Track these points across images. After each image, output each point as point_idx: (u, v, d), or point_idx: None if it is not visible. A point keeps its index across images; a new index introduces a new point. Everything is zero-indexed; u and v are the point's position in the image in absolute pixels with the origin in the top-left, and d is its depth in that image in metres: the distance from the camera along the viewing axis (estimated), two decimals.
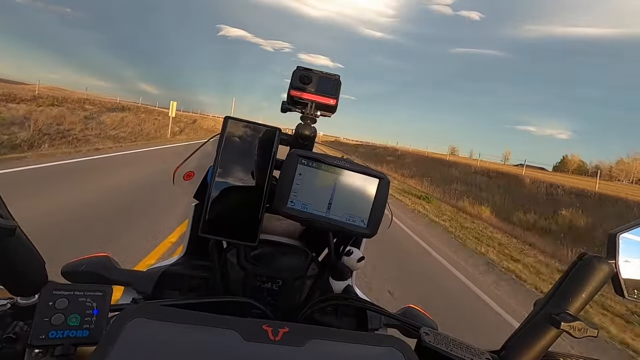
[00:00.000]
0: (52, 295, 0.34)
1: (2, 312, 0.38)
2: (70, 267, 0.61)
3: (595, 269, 0.42)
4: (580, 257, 0.44)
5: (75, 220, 3.89)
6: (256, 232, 0.55)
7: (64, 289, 0.35)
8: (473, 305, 4.03)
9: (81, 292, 0.36)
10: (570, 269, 0.44)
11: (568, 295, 0.42)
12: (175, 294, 0.66)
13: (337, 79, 0.61)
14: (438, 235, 7.25)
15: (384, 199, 0.53)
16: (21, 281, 0.37)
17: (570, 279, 0.43)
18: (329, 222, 0.52)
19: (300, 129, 0.61)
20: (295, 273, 0.67)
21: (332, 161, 0.53)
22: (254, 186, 0.55)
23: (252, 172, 0.55)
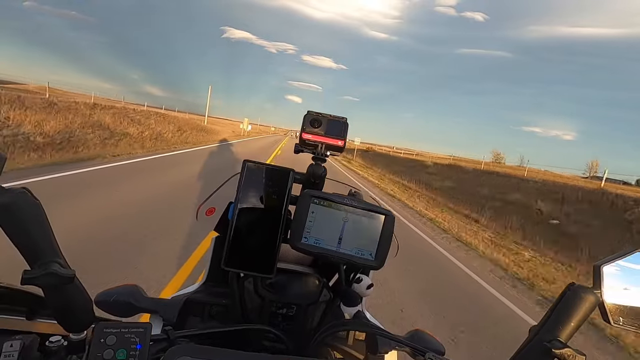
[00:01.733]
0: (103, 332, 0.40)
1: (58, 347, 0.43)
2: (102, 296, 0.67)
3: (582, 299, 0.46)
4: (569, 287, 0.48)
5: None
6: (273, 265, 0.60)
7: (112, 327, 0.41)
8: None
9: (126, 329, 0.41)
10: (560, 299, 0.48)
11: (559, 324, 0.46)
12: (197, 321, 0.71)
13: (344, 122, 0.67)
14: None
15: (390, 234, 0.58)
16: (74, 319, 0.42)
17: (560, 307, 0.47)
18: (339, 255, 0.58)
19: (313, 169, 0.67)
20: (308, 299, 0.72)
21: (341, 200, 0.58)
22: (271, 222, 0.60)
23: (268, 209, 0.60)
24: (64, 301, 0.40)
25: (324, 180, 0.68)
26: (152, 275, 2.79)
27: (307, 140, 0.67)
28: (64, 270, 0.38)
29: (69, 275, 0.38)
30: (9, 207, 0.35)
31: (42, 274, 0.36)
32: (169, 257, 3.20)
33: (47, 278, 0.36)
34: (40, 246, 0.37)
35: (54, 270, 0.37)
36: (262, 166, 0.61)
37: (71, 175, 5.64)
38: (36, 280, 0.36)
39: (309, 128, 0.66)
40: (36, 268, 0.37)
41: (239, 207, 0.59)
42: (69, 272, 0.38)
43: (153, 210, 4.52)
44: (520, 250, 6.92)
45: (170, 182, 6.50)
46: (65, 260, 0.40)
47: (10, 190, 0.36)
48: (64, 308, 0.41)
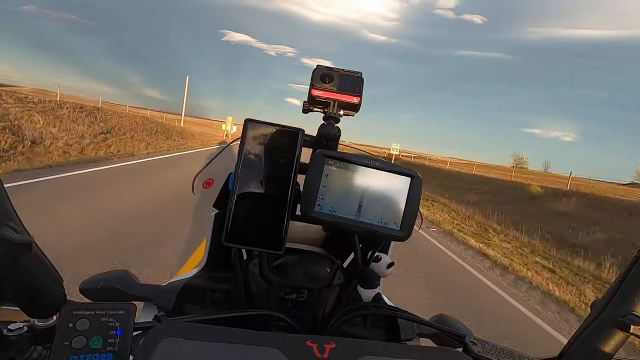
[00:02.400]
0: (72, 315, 0.32)
1: (19, 336, 0.35)
2: (89, 283, 0.59)
3: None
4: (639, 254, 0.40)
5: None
6: (282, 240, 0.52)
7: (84, 309, 0.32)
8: None
9: (103, 312, 0.33)
10: (631, 267, 0.40)
11: (633, 295, 0.38)
12: (196, 309, 0.63)
13: (359, 76, 0.58)
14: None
15: (417, 199, 0.50)
16: (38, 302, 0.34)
17: (632, 277, 0.39)
18: (360, 225, 0.49)
19: (324, 129, 0.58)
20: (320, 283, 0.64)
21: (360, 160, 0.49)
22: (278, 191, 0.52)
23: (275, 176, 0.52)
24: (24, 278, 0.32)
25: (338, 143, 0.60)
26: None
27: (317, 98, 0.58)
28: (18, 236, 0.29)
29: (24, 241, 0.29)
30: None
31: None
32: None
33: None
34: None
35: (4, 235, 0.28)
36: (267, 125, 0.52)
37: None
38: None
39: (319, 83, 0.57)
40: None
41: (241, 175, 0.51)
42: (24, 238, 0.30)
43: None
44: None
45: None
46: (23, 226, 0.32)
47: None
48: (24, 287, 0.32)
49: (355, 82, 0.58)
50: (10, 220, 0.30)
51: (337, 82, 0.57)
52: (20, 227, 0.31)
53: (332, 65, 0.60)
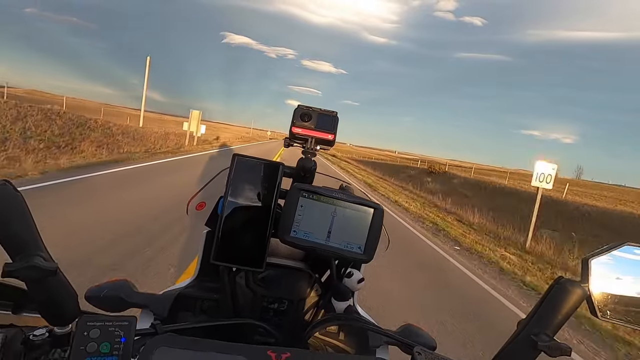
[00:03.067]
0: (87, 326, 0.40)
1: (42, 340, 0.43)
2: (93, 292, 0.66)
3: (569, 293, 0.46)
4: (557, 281, 0.48)
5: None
6: (263, 259, 0.60)
7: (96, 320, 0.40)
8: None
9: (110, 323, 0.41)
10: (548, 292, 0.48)
11: (546, 317, 0.46)
12: (188, 316, 0.71)
13: (334, 116, 0.67)
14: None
15: (379, 227, 0.58)
16: (58, 313, 0.42)
17: (548, 301, 0.47)
18: (328, 249, 0.57)
19: (302, 162, 0.66)
20: (299, 294, 0.72)
21: (330, 193, 0.58)
22: (261, 215, 0.60)
23: (258, 202, 0.60)
24: (48, 294, 0.40)
25: (314, 174, 0.68)
26: None
27: (297, 134, 0.66)
28: (46, 263, 0.38)
29: (51, 268, 0.38)
30: None
31: (23, 266, 0.36)
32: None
33: (28, 271, 0.36)
34: (22, 239, 0.37)
35: (36, 263, 0.36)
36: (252, 160, 0.60)
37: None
38: (17, 273, 0.36)
39: (299, 122, 0.66)
40: (18, 261, 0.37)
41: (229, 201, 0.59)
42: (51, 265, 0.38)
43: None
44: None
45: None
46: (49, 253, 0.40)
47: None
48: (48, 301, 0.41)
49: (330, 120, 0.66)
50: (40, 250, 0.38)
51: (314, 120, 0.66)
52: (47, 254, 0.39)
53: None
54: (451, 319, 3.43)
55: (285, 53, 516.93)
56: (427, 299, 3.91)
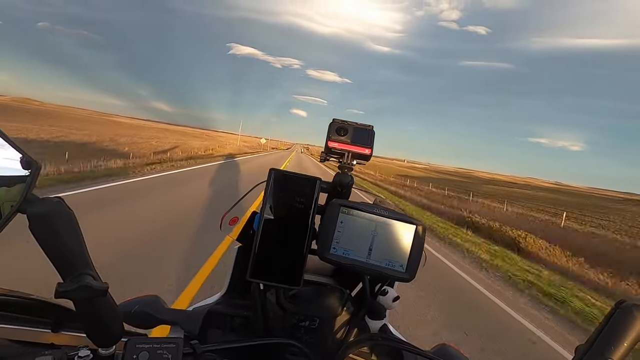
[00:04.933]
0: (136, 348, 0.39)
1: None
2: (123, 307, 0.65)
3: (635, 318, 0.43)
4: (618, 304, 0.45)
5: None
6: (300, 276, 0.58)
7: (144, 342, 0.39)
8: None
9: (158, 345, 0.40)
10: (610, 316, 0.45)
11: (610, 344, 0.44)
12: (218, 333, 0.69)
13: (371, 129, 0.66)
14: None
15: (421, 245, 0.57)
16: (104, 333, 0.41)
17: (611, 326, 0.45)
18: (369, 267, 0.56)
19: (339, 177, 0.65)
20: (331, 312, 0.70)
21: (371, 209, 0.56)
22: (297, 232, 0.59)
23: (294, 218, 0.59)
24: (95, 315, 0.39)
25: (351, 190, 0.67)
26: None
27: (333, 149, 0.65)
28: (98, 283, 0.37)
29: (102, 288, 0.37)
30: (44, 218, 0.35)
31: (75, 286, 0.35)
32: None
33: (81, 291, 0.35)
34: (73, 258, 0.36)
35: (88, 283, 0.35)
36: (289, 174, 0.59)
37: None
38: (70, 293, 0.35)
39: (334, 136, 0.65)
40: (69, 281, 0.36)
41: (265, 217, 0.58)
42: (102, 285, 0.37)
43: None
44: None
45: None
46: (97, 273, 0.39)
47: (45, 200, 0.35)
48: (95, 322, 0.40)
49: (367, 134, 0.65)
50: (90, 270, 0.38)
51: (350, 135, 0.65)
52: (95, 273, 0.38)
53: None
54: None
55: (290, 63, 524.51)
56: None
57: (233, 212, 0.69)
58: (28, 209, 0.34)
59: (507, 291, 5.04)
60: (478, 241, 8.60)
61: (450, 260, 6.32)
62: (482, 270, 6.02)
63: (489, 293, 4.79)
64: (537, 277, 5.97)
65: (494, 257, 7.00)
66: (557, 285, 5.61)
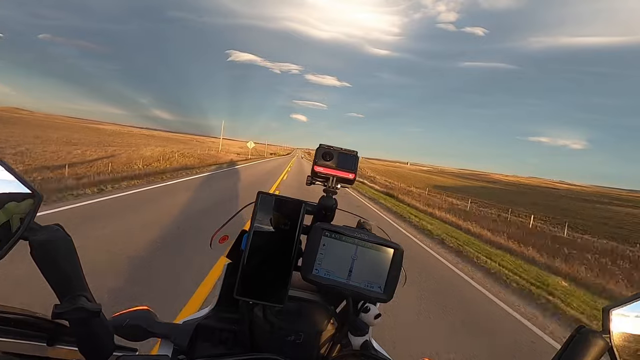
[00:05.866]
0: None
1: None
2: (115, 321, 0.68)
3: (590, 343, 0.46)
4: (577, 330, 0.48)
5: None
6: (284, 295, 0.61)
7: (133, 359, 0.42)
8: None
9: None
10: (569, 343, 0.48)
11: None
12: (207, 346, 0.72)
13: (355, 155, 0.69)
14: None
15: (399, 267, 0.60)
16: (96, 350, 0.44)
17: (569, 351, 0.48)
18: (349, 288, 0.59)
19: (324, 201, 0.69)
20: (316, 327, 0.73)
21: (352, 233, 0.60)
22: (283, 252, 0.62)
23: (280, 239, 0.62)
24: (88, 333, 0.42)
25: (335, 212, 0.70)
26: None
27: (319, 173, 0.69)
28: (92, 305, 0.40)
29: (96, 309, 0.40)
30: (45, 245, 0.38)
31: (71, 308, 0.38)
32: None
33: (75, 312, 0.38)
34: (70, 281, 0.40)
35: (82, 305, 0.39)
36: (275, 197, 0.63)
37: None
38: (66, 315, 0.38)
39: (320, 161, 0.68)
40: (65, 302, 0.39)
41: (252, 237, 0.61)
42: (96, 306, 0.40)
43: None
44: None
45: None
46: (92, 294, 0.42)
47: (46, 228, 0.39)
48: (88, 339, 0.43)
49: (351, 160, 0.69)
50: (85, 291, 0.41)
51: (335, 160, 0.68)
52: (90, 295, 0.42)
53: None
54: None
55: (289, 68, 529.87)
56: None
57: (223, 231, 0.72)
58: (30, 237, 0.37)
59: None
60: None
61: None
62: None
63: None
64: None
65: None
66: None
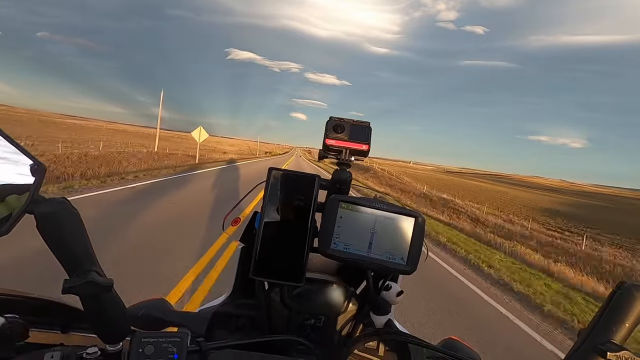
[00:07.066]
0: (142, 342, 0.39)
1: (95, 358, 0.43)
2: (131, 311, 0.66)
3: (635, 298, 0.43)
4: (619, 285, 0.46)
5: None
6: (302, 273, 0.59)
7: (150, 336, 0.40)
8: None
9: (164, 339, 0.40)
10: (611, 298, 0.45)
11: (611, 325, 0.44)
12: (225, 333, 0.70)
13: (367, 126, 0.67)
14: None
15: (421, 236, 0.57)
16: (111, 330, 0.42)
17: (612, 308, 0.44)
18: (370, 261, 0.56)
19: (337, 174, 0.66)
20: (336, 309, 0.70)
21: (370, 203, 0.57)
22: (298, 229, 0.59)
23: (295, 216, 0.60)
24: (102, 311, 0.40)
25: (350, 186, 0.67)
26: None
27: (330, 146, 0.66)
28: (103, 279, 0.38)
29: (107, 284, 0.38)
30: (50, 217, 0.36)
31: (81, 282, 0.36)
32: None
33: (86, 287, 0.36)
34: (78, 255, 0.38)
35: (93, 279, 0.37)
36: (287, 173, 0.60)
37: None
38: (76, 289, 0.36)
39: (332, 134, 0.66)
40: (75, 277, 0.37)
41: (266, 216, 0.59)
42: (107, 280, 0.38)
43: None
44: None
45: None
46: (102, 269, 0.40)
47: (51, 200, 0.37)
48: (102, 319, 0.40)
49: (364, 131, 0.66)
50: (95, 266, 0.39)
51: (348, 131, 0.66)
52: (101, 270, 0.39)
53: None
54: None
55: (289, 67, 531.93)
56: None
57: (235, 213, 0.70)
58: (35, 210, 0.35)
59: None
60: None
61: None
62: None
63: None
64: None
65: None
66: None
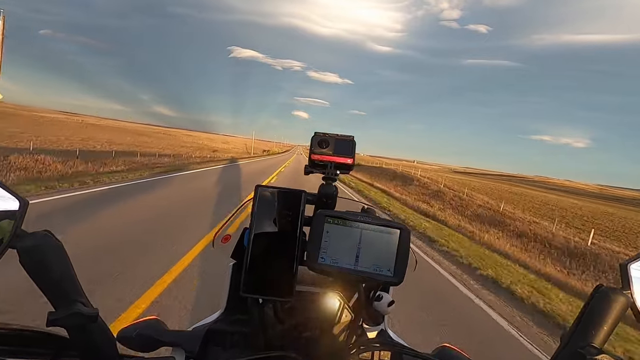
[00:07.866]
0: None
1: None
2: (124, 332, 0.66)
3: (612, 301, 0.44)
4: (596, 289, 0.47)
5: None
6: (292, 288, 0.59)
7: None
8: None
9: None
10: (589, 302, 0.46)
11: (591, 329, 0.45)
12: (219, 350, 0.70)
13: (351, 140, 0.68)
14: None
15: (407, 248, 0.58)
16: (99, 358, 0.42)
17: (590, 311, 0.46)
18: (358, 274, 0.57)
19: (323, 189, 0.67)
20: (329, 321, 0.71)
21: (355, 217, 0.58)
22: (287, 244, 0.60)
23: (283, 232, 0.60)
24: (89, 340, 0.40)
25: (336, 199, 0.69)
26: None
27: (316, 161, 0.67)
28: (88, 310, 0.38)
29: (92, 314, 0.38)
30: (33, 251, 0.36)
31: (67, 314, 0.37)
32: None
33: (72, 318, 0.37)
34: (63, 287, 0.38)
35: (78, 310, 0.37)
36: (274, 190, 0.61)
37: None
38: (61, 321, 0.36)
39: (317, 149, 0.67)
40: (60, 309, 0.37)
41: (254, 233, 0.60)
42: (92, 311, 0.39)
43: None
44: None
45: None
46: (88, 299, 0.40)
47: (34, 235, 0.37)
48: (89, 347, 0.41)
49: (348, 145, 0.67)
50: (81, 297, 0.39)
51: (332, 146, 0.67)
52: (86, 300, 0.40)
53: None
54: None
55: (291, 65, 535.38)
56: None
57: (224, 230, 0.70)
58: (17, 244, 0.36)
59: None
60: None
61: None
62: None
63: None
64: None
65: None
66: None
